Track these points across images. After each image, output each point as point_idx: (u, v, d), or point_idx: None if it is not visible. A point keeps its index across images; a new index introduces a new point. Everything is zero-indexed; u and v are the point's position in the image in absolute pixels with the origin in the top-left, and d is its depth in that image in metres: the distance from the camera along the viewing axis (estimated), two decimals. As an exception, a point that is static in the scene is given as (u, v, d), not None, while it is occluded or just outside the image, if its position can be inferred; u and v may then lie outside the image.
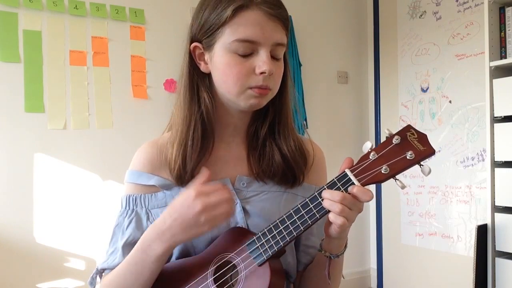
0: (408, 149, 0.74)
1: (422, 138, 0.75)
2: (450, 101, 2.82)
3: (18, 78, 2.28)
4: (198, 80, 0.90)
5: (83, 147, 2.42)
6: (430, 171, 0.74)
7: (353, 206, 0.75)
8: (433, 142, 0.75)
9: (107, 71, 2.49)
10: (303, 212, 0.77)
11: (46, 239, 2.31)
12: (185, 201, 0.77)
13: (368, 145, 0.77)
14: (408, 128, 0.77)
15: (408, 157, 0.74)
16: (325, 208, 0.76)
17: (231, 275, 0.82)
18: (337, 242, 0.83)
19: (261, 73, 0.82)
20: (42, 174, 2.32)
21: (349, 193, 0.75)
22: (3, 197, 2.24)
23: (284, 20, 0.86)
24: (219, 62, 0.84)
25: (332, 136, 3.26)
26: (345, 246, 0.86)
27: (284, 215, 0.79)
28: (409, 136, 0.75)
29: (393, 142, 0.75)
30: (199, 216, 0.76)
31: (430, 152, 0.74)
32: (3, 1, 2.25)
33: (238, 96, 0.85)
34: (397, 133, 0.76)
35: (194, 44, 0.88)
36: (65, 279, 2.34)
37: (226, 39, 0.83)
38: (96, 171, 2.45)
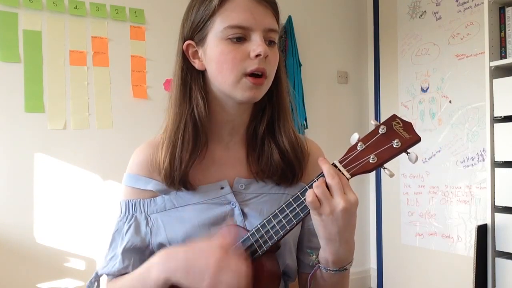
0: (394, 137, 0.76)
1: (408, 126, 0.77)
2: (450, 101, 2.82)
3: (18, 78, 2.28)
4: (191, 80, 0.89)
5: (83, 147, 2.42)
6: (417, 158, 0.75)
7: (323, 196, 0.74)
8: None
9: (107, 71, 2.49)
10: (295, 205, 0.78)
11: (46, 239, 2.32)
12: (207, 248, 0.74)
13: (355, 136, 0.78)
14: (394, 117, 0.78)
15: (394, 146, 0.75)
16: None
17: None
18: (330, 249, 0.77)
19: (256, 55, 0.81)
20: (42, 174, 2.32)
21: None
22: (3, 197, 2.24)
23: (273, 5, 0.86)
24: (213, 53, 0.84)
25: (332, 136, 3.26)
26: (343, 269, 0.80)
27: (277, 209, 0.79)
28: (395, 125, 0.77)
29: (379, 132, 0.77)
30: (206, 269, 0.72)
31: (416, 139, 0.75)
32: (3, 1, 2.25)
33: (234, 86, 0.83)
34: (383, 123, 0.77)
35: (187, 42, 0.88)
36: (65, 279, 2.34)
37: (217, 27, 0.83)
38: (96, 171, 2.45)
